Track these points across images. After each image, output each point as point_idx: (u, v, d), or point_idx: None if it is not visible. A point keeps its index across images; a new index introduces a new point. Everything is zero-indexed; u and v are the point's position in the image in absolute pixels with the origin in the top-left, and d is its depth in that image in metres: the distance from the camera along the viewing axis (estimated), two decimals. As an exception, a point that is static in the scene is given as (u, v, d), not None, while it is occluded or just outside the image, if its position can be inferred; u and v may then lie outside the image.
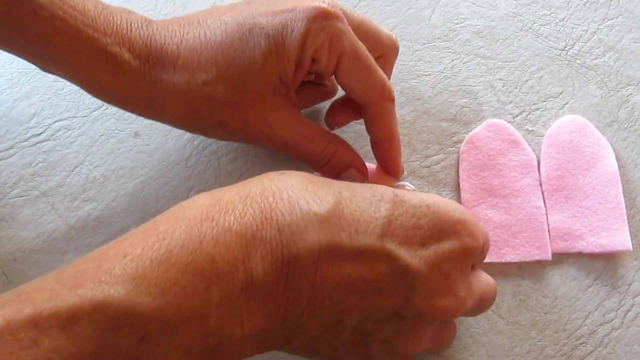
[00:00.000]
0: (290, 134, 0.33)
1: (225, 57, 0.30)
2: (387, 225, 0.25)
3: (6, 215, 0.38)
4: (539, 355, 0.34)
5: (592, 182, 0.38)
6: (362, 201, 0.26)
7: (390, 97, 0.33)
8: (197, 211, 0.24)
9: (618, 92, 0.41)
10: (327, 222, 0.24)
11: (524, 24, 0.43)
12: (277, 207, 0.24)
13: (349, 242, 0.24)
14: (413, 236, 0.26)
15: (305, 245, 0.23)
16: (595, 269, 0.36)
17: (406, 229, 0.26)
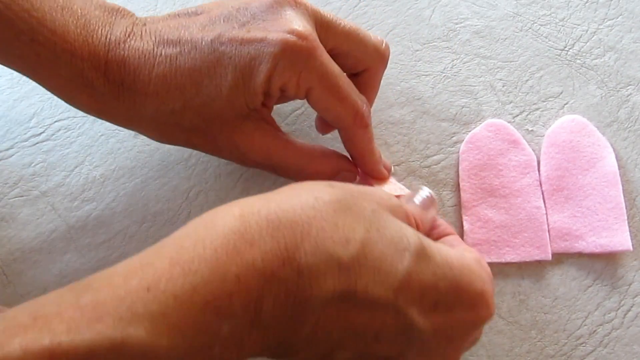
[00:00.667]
0: (262, 156, 0.33)
1: (193, 86, 0.31)
2: (406, 279, 0.24)
3: (6, 215, 0.38)
4: (539, 355, 0.34)
5: (592, 182, 0.38)
6: (388, 246, 0.25)
7: (363, 123, 0.33)
8: (225, 239, 0.23)
9: (618, 92, 0.41)
10: (348, 270, 0.24)
11: (524, 24, 0.43)
12: (302, 246, 0.23)
13: (364, 292, 0.24)
14: (428, 296, 0.25)
15: (320, 290, 0.23)
16: (595, 269, 0.36)
17: (423, 287, 0.25)
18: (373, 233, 0.25)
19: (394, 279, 0.24)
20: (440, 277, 0.25)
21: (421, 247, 0.25)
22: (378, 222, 0.25)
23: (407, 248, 0.25)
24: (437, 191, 0.38)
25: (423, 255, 0.25)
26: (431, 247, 0.26)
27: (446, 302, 0.25)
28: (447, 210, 0.38)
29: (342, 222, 0.24)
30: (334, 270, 0.23)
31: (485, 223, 0.37)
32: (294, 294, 0.23)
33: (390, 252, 0.25)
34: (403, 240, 0.25)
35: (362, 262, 0.24)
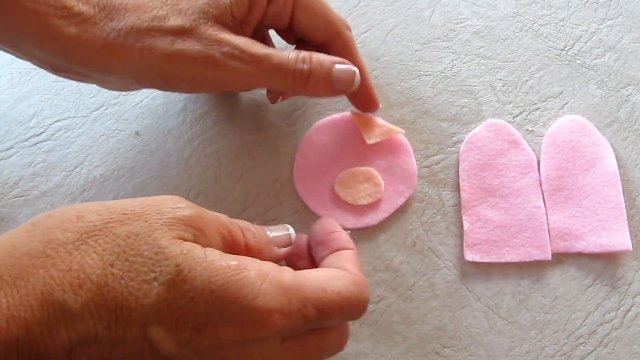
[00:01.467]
0: (260, 47, 0.32)
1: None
2: (154, 313, 0.22)
3: (6, 215, 0.38)
4: (538, 355, 0.34)
5: (592, 182, 0.38)
6: (134, 278, 0.23)
7: (348, 25, 0.35)
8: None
9: (618, 92, 0.41)
10: (82, 317, 0.22)
11: (524, 24, 0.43)
12: (26, 301, 0.21)
13: (107, 334, 0.22)
14: (185, 322, 0.23)
15: (55, 345, 0.21)
16: (595, 269, 0.36)
17: (178, 315, 0.23)
18: (116, 266, 0.23)
19: (139, 315, 0.22)
20: (199, 301, 0.23)
21: (176, 272, 0.23)
22: (124, 255, 0.23)
23: (156, 278, 0.23)
24: (437, 191, 0.38)
25: (178, 282, 0.23)
26: (193, 270, 0.23)
27: (208, 323, 0.23)
28: (447, 210, 0.38)
29: (77, 264, 0.22)
30: (66, 320, 0.21)
31: (485, 223, 0.37)
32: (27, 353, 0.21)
33: (136, 286, 0.22)
34: (154, 269, 0.23)
35: (99, 303, 0.22)
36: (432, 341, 0.35)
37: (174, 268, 0.23)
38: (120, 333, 0.22)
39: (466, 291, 0.36)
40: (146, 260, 0.23)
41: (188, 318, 0.23)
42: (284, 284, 0.25)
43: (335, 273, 0.27)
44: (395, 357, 0.35)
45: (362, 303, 0.27)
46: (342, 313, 0.26)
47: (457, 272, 0.36)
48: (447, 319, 0.35)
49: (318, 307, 0.25)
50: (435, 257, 0.37)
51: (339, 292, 0.26)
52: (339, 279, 0.26)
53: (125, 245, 0.23)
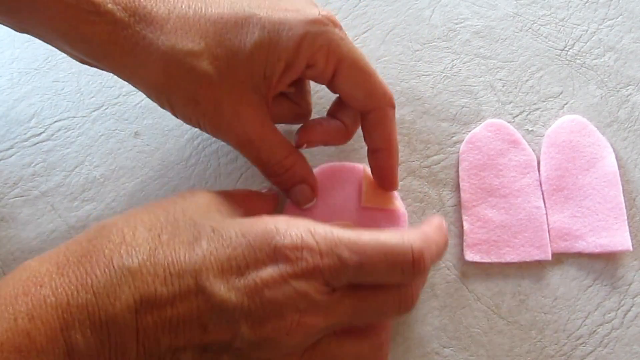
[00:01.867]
0: (257, 133, 0.32)
1: (216, 36, 0.30)
2: (201, 262, 0.25)
3: (6, 215, 0.38)
4: (539, 355, 0.34)
5: (592, 182, 0.38)
6: (179, 243, 0.25)
7: (392, 102, 0.33)
8: (13, 287, 0.24)
9: (618, 92, 0.41)
10: (140, 274, 0.24)
11: (524, 24, 0.43)
12: (92, 272, 0.24)
13: (164, 289, 0.24)
14: (229, 268, 0.25)
15: (121, 303, 0.23)
16: (595, 269, 0.36)
17: (221, 261, 0.25)
18: (164, 236, 0.26)
19: (189, 265, 0.25)
20: (235, 246, 0.25)
21: (212, 229, 0.26)
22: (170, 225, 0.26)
23: (198, 237, 0.26)
24: (437, 191, 0.38)
25: (215, 236, 0.26)
26: (226, 227, 0.26)
27: (248, 267, 0.25)
28: (447, 210, 0.38)
29: (129, 238, 0.25)
30: (127, 278, 0.24)
31: (485, 223, 0.37)
32: (97, 316, 0.23)
33: (183, 248, 0.25)
34: (195, 232, 0.26)
35: (154, 262, 0.25)
36: (432, 341, 0.35)
37: (210, 229, 0.26)
38: (175, 286, 0.24)
39: (466, 291, 0.36)
40: (186, 230, 0.26)
41: (230, 263, 0.25)
42: (312, 229, 0.26)
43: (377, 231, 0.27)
44: (395, 357, 0.35)
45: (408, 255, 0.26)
46: (389, 263, 0.26)
47: (457, 272, 0.36)
48: (447, 319, 0.35)
49: (353, 249, 0.26)
50: (435, 257, 0.37)
51: (380, 240, 0.26)
52: (383, 233, 0.27)
53: (165, 222, 0.26)
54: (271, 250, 0.25)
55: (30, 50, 0.43)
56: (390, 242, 0.26)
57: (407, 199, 0.38)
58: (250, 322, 0.25)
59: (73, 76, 0.42)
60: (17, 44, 0.43)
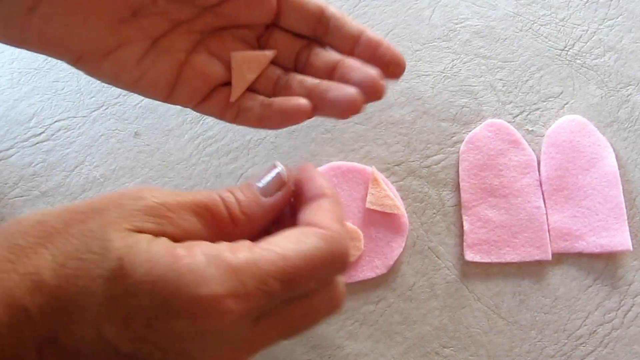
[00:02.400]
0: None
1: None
2: (104, 311, 0.22)
3: (6, 215, 0.38)
4: (539, 355, 0.34)
5: (592, 182, 0.38)
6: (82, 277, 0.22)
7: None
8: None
9: (618, 92, 0.41)
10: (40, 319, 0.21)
11: (524, 24, 0.43)
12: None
13: (67, 337, 0.22)
14: (136, 319, 0.22)
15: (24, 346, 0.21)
16: (595, 269, 0.36)
17: (127, 312, 0.22)
18: (69, 266, 0.22)
19: (90, 314, 0.22)
20: (143, 295, 0.22)
21: (118, 266, 0.22)
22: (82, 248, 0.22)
23: (101, 274, 0.22)
24: (437, 191, 0.38)
25: (121, 277, 0.22)
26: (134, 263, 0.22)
27: (157, 317, 0.22)
28: (447, 210, 0.38)
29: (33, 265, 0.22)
30: (29, 323, 0.21)
31: (485, 223, 0.37)
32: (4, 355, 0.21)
33: (85, 284, 0.22)
34: (101, 264, 0.22)
35: (55, 306, 0.22)
36: (432, 341, 0.35)
37: (116, 262, 0.22)
38: (78, 334, 0.22)
39: (466, 291, 0.36)
40: (94, 257, 0.22)
41: (138, 314, 0.22)
42: (234, 264, 0.23)
43: (300, 234, 0.24)
44: (395, 357, 0.35)
45: (337, 258, 0.24)
46: (315, 275, 0.24)
47: (457, 272, 0.36)
48: (447, 319, 0.35)
49: (282, 278, 0.23)
50: (435, 257, 0.37)
51: (305, 256, 0.23)
52: (304, 241, 0.24)
53: (78, 243, 0.22)
54: (185, 302, 0.22)
55: (31, 50, 0.43)
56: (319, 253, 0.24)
57: (407, 199, 0.38)
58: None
59: (73, 76, 0.42)
60: (17, 44, 0.43)
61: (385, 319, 0.36)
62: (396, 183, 0.38)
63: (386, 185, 0.38)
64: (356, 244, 0.36)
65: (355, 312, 0.36)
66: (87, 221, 0.23)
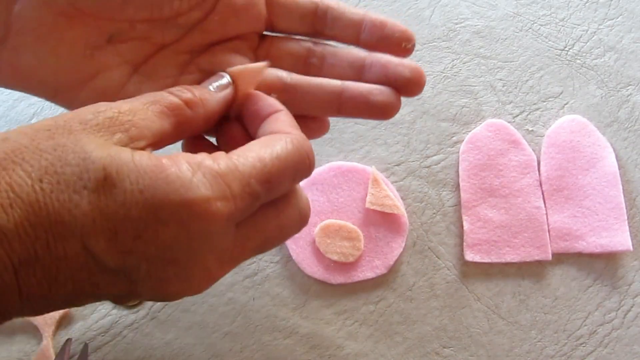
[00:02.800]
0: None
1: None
2: (89, 224, 0.21)
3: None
4: (539, 355, 0.34)
5: (592, 182, 0.38)
6: (64, 191, 0.21)
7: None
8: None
9: (618, 92, 0.41)
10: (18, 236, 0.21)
11: (524, 24, 0.43)
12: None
13: (46, 253, 0.21)
14: (124, 230, 0.22)
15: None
16: (595, 269, 0.36)
17: (114, 223, 0.22)
18: (45, 179, 0.21)
19: (75, 227, 0.21)
20: (131, 204, 0.22)
21: (104, 176, 0.22)
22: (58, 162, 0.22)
23: (85, 185, 0.21)
24: (437, 191, 0.38)
25: (107, 186, 0.22)
26: (120, 172, 0.22)
27: (146, 227, 0.22)
28: (447, 210, 0.38)
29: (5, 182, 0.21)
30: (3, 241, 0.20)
31: (485, 223, 0.37)
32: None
33: (67, 197, 0.21)
34: (83, 175, 0.22)
35: (34, 222, 0.21)
36: (432, 341, 0.35)
37: (101, 172, 0.22)
38: (60, 250, 0.21)
39: (466, 291, 0.36)
40: (74, 169, 0.22)
41: (125, 225, 0.22)
42: (219, 170, 0.23)
43: (269, 139, 0.25)
44: (395, 357, 0.35)
45: (305, 158, 0.25)
46: (287, 176, 0.25)
47: (457, 272, 0.36)
48: (447, 319, 0.35)
49: (261, 179, 0.24)
50: (435, 257, 0.37)
51: (278, 156, 0.24)
52: (274, 144, 0.25)
53: (52, 158, 0.22)
54: (174, 208, 0.22)
55: (30, 50, 0.43)
56: (289, 153, 0.25)
57: (407, 199, 0.38)
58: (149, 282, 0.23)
59: (73, 76, 0.42)
60: (17, 44, 0.43)
61: (385, 319, 0.36)
62: (396, 183, 0.38)
63: (386, 185, 0.38)
64: (356, 244, 0.36)
65: (355, 312, 0.36)
66: (54, 137, 0.22)
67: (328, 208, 0.37)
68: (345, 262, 0.36)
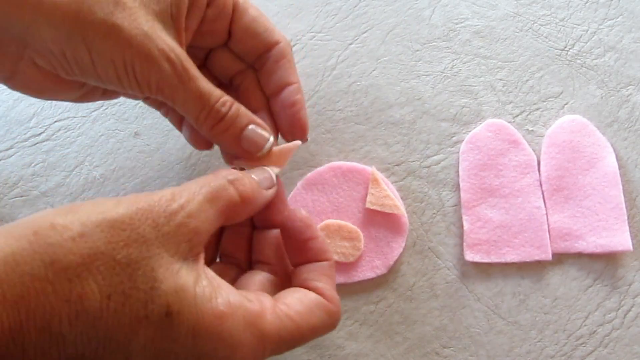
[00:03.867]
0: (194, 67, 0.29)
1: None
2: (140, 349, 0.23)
3: (6, 215, 0.38)
4: (539, 356, 0.34)
5: (592, 182, 0.38)
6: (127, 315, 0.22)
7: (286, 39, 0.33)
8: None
9: (618, 92, 0.41)
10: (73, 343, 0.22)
11: (524, 24, 0.43)
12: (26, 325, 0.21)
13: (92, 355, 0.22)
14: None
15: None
16: (595, 269, 0.36)
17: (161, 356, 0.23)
18: (114, 299, 0.22)
19: (126, 350, 0.22)
20: (183, 346, 0.23)
21: (166, 313, 0.23)
22: (128, 282, 0.23)
23: (147, 316, 0.22)
24: (437, 191, 0.38)
25: (166, 323, 0.23)
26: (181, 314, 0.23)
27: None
28: (447, 210, 0.38)
29: (77, 292, 0.22)
30: (59, 345, 0.21)
31: (485, 223, 0.37)
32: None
33: (128, 322, 0.22)
34: (148, 305, 0.23)
35: (92, 335, 0.22)
36: (432, 341, 0.35)
37: (164, 309, 0.23)
38: (106, 358, 0.22)
39: (466, 291, 0.36)
40: (140, 295, 0.23)
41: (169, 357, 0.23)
42: (265, 332, 0.25)
43: (313, 307, 0.27)
44: (395, 357, 0.35)
45: (333, 327, 0.28)
46: (312, 338, 0.28)
47: (457, 272, 0.36)
48: (447, 319, 0.35)
49: (290, 345, 0.27)
50: (435, 257, 0.37)
51: (313, 328, 0.27)
52: (315, 312, 0.27)
53: (123, 275, 0.23)
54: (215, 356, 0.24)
55: (30, 50, 0.43)
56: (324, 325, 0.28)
57: (407, 199, 0.38)
58: None
59: (73, 76, 0.42)
60: (17, 44, 0.43)
61: (385, 319, 0.36)
62: (396, 183, 0.38)
63: (386, 185, 0.38)
64: (356, 244, 0.36)
65: (355, 312, 0.36)
66: (129, 245, 0.23)
67: (328, 208, 0.38)
68: (346, 262, 0.36)
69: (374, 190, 0.37)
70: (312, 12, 0.44)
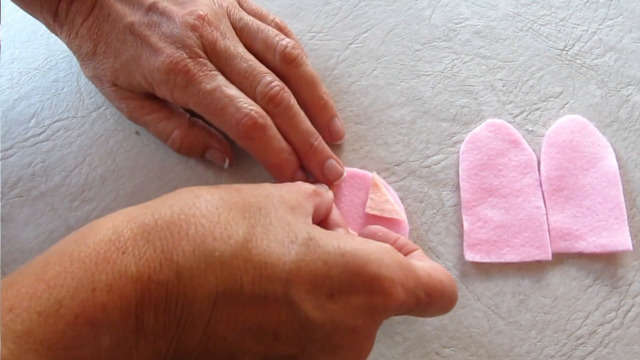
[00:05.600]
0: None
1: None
2: (295, 271, 0.24)
3: (6, 215, 0.38)
4: (539, 356, 0.34)
5: (592, 182, 0.38)
6: (273, 240, 0.24)
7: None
8: (94, 250, 0.22)
9: (618, 92, 0.41)
10: (230, 265, 0.23)
11: (524, 24, 0.43)
12: (180, 246, 0.22)
13: (250, 289, 0.23)
14: (322, 286, 0.24)
15: (203, 290, 0.22)
16: (595, 269, 0.36)
17: (315, 277, 0.24)
18: (258, 228, 0.24)
19: (282, 271, 0.23)
20: (332, 264, 0.24)
21: (309, 236, 0.25)
22: (264, 219, 0.25)
23: (294, 240, 0.24)
24: (437, 191, 0.38)
25: (312, 245, 0.25)
26: (322, 237, 0.25)
27: (341, 290, 0.24)
28: (447, 210, 0.38)
29: (224, 219, 0.24)
30: (216, 266, 0.22)
31: (485, 223, 0.37)
32: (175, 297, 0.22)
33: (277, 246, 0.24)
34: (290, 233, 0.25)
35: (247, 256, 0.23)
36: (432, 341, 0.35)
37: (306, 234, 0.25)
38: (263, 289, 0.23)
39: (466, 291, 0.36)
40: (279, 229, 0.25)
41: (324, 281, 0.24)
42: (401, 261, 0.26)
43: (433, 264, 0.29)
44: (395, 357, 0.35)
45: (455, 296, 0.29)
46: (442, 302, 0.28)
47: (457, 272, 0.36)
48: (447, 319, 0.35)
49: (427, 290, 0.27)
50: (435, 257, 0.37)
51: (441, 281, 0.27)
52: (439, 270, 0.28)
53: (258, 213, 0.25)
54: (368, 278, 0.25)
55: (30, 50, 0.43)
56: (450, 285, 0.28)
57: (407, 199, 0.38)
58: (324, 344, 0.24)
59: (73, 76, 0.42)
60: (17, 44, 0.43)
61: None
62: (396, 183, 0.38)
63: (387, 190, 0.37)
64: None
65: (355, 312, 0.36)
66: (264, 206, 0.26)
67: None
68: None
69: (374, 195, 0.37)
70: (312, 12, 0.44)
